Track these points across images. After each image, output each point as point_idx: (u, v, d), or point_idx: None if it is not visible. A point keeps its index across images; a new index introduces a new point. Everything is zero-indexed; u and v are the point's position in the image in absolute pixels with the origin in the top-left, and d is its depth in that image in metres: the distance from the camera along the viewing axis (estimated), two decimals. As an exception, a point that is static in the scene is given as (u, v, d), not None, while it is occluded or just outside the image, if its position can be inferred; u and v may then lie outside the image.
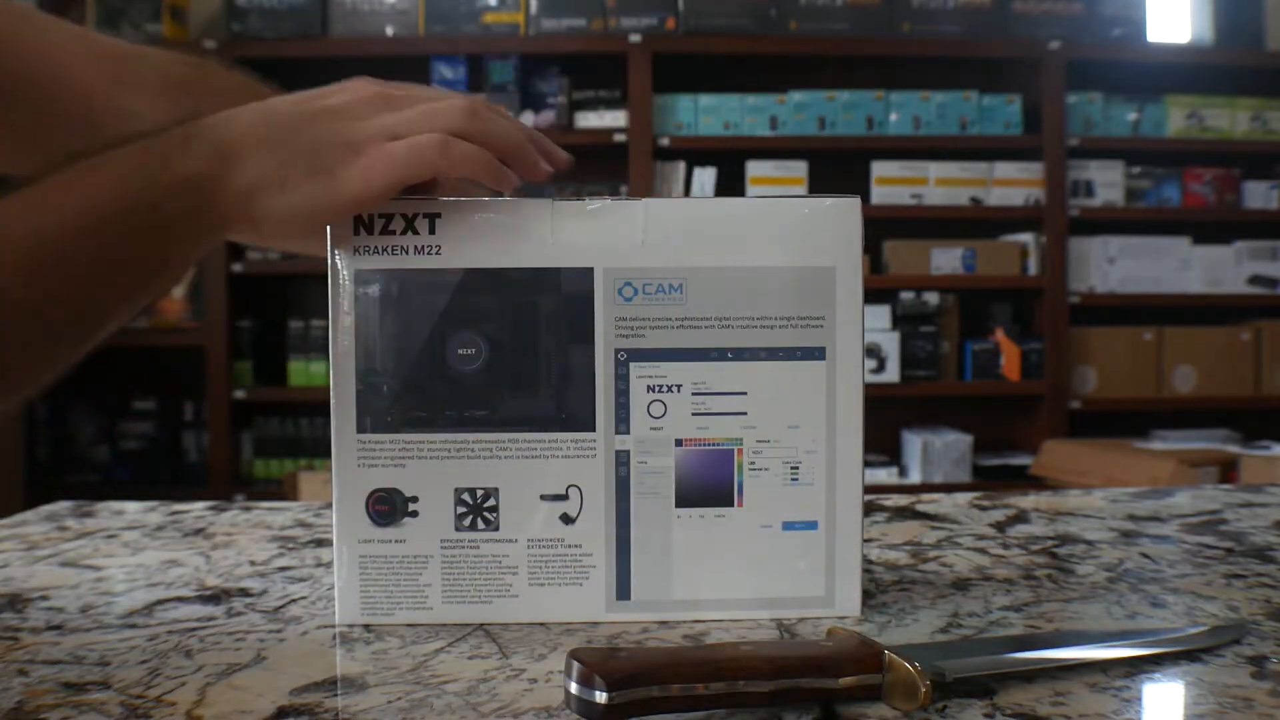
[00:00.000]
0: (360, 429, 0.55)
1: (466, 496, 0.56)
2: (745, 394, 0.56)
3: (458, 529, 0.56)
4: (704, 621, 0.56)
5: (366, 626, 0.56)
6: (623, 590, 0.56)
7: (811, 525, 0.57)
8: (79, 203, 0.46)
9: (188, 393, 3.17)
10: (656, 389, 0.56)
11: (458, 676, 0.48)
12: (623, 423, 0.56)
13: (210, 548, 0.75)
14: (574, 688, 0.41)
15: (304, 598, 0.61)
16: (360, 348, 0.55)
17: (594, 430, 0.56)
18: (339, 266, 0.55)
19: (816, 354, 0.56)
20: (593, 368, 0.55)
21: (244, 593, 0.63)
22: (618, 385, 0.56)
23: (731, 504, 0.56)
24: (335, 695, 0.46)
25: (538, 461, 0.56)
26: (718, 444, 0.56)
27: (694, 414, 0.56)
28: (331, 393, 0.55)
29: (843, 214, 0.56)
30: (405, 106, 0.53)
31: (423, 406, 0.55)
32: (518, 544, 0.56)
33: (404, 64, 3.05)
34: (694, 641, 0.53)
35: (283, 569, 0.68)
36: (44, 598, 0.62)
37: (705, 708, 0.42)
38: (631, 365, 0.55)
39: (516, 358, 0.55)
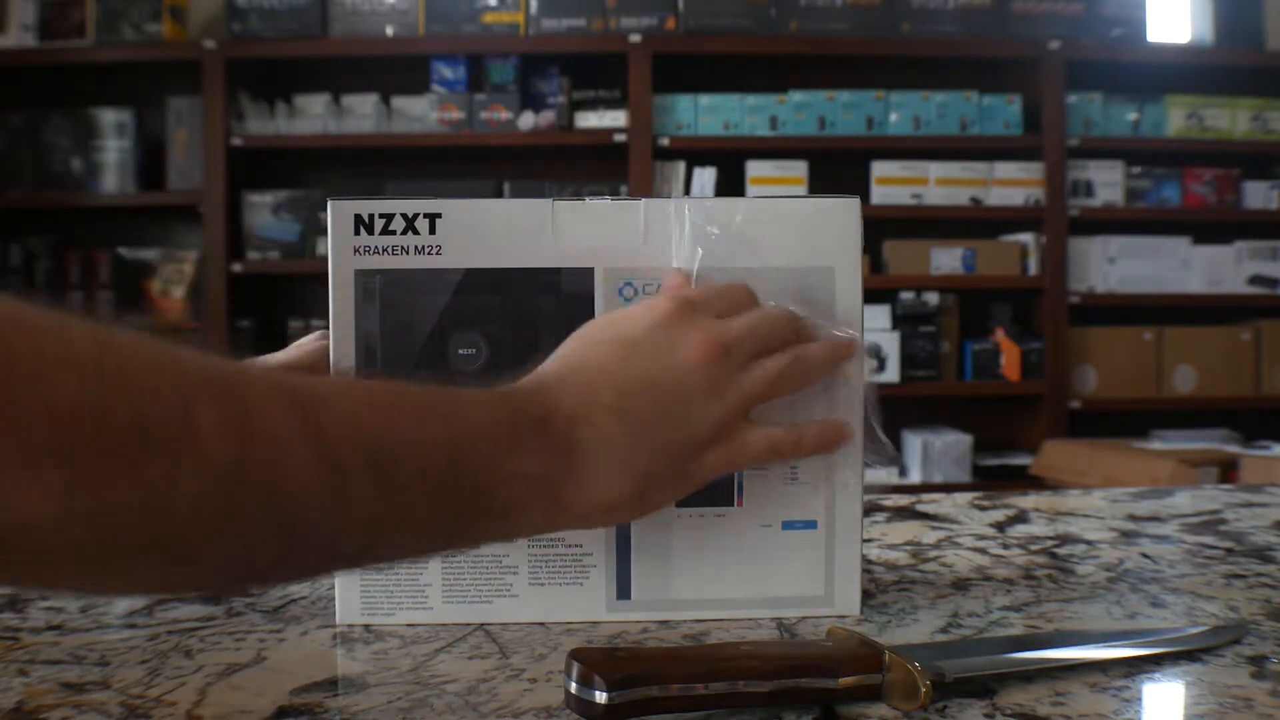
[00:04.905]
0: (360, 429, 0.55)
1: (466, 496, 0.55)
2: (745, 394, 0.56)
3: (458, 529, 0.56)
4: (704, 621, 0.56)
5: (366, 626, 0.56)
6: (623, 590, 0.56)
7: (811, 525, 0.56)
8: (413, 434, 0.40)
9: (188, 393, 3.17)
10: (656, 389, 0.55)
11: (458, 676, 0.48)
12: (623, 423, 0.55)
13: (210, 548, 0.74)
14: (574, 688, 0.41)
15: (304, 598, 0.61)
16: (360, 348, 0.55)
17: (594, 430, 0.55)
18: (339, 266, 0.55)
19: (816, 354, 0.56)
20: (593, 368, 0.55)
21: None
22: (618, 385, 0.55)
23: (731, 504, 0.56)
24: (335, 695, 0.46)
25: (538, 461, 0.55)
26: (718, 444, 0.56)
27: (694, 414, 0.56)
28: (331, 393, 0.55)
29: (843, 214, 0.56)
30: (727, 321, 0.49)
31: (423, 406, 0.55)
32: (517, 543, 0.56)
33: (404, 64, 3.05)
34: (694, 641, 0.53)
35: (283, 569, 0.68)
36: (44, 598, 0.62)
37: (705, 708, 0.42)
38: (631, 365, 0.55)
39: (517, 357, 0.55)
